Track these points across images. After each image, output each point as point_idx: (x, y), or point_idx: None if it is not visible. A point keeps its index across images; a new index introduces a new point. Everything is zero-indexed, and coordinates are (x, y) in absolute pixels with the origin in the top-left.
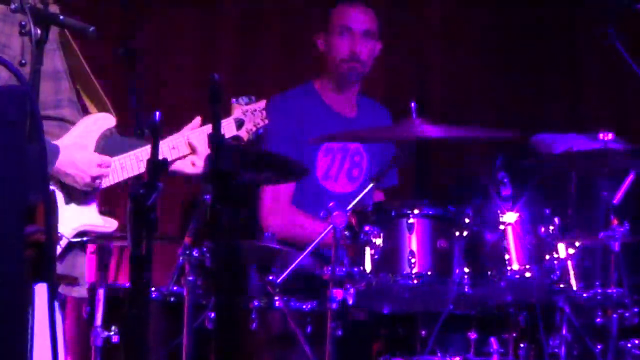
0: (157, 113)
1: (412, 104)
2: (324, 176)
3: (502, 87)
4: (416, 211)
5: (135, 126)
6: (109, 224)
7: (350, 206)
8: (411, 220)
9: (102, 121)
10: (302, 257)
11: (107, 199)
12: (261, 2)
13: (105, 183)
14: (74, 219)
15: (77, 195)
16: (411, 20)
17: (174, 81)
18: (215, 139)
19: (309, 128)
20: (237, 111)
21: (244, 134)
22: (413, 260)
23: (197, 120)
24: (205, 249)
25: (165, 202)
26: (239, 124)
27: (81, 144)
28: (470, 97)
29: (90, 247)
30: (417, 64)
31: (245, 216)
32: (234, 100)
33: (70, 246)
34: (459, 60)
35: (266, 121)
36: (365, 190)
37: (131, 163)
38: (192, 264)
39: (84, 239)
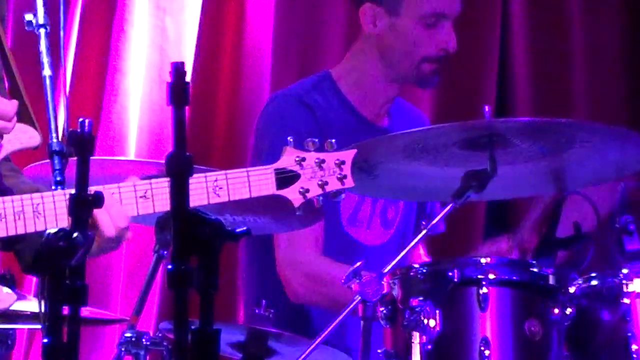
0: (87, 121)
1: (486, 108)
2: (351, 221)
3: (623, 81)
4: (491, 276)
5: (50, 142)
6: (2, 299)
7: (389, 268)
8: (484, 290)
9: (16, 136)
10: (313, 345)
11: (9, 255)
12: None
13: None
14: None
15: None
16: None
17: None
18: (177, 162)
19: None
20: (287, 157)
21: (294, 195)
22: (487, 353)
23: (132, 179)
24: (160, 334)
25: (100, 260)
26: (285, 178)
27: None
28: (572, 98)
29: None
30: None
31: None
32: (291, 140)
33: None
34: (552, 46)
35: (347, 183)
36: (418, 238)
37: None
38: (138, 357)
39: None
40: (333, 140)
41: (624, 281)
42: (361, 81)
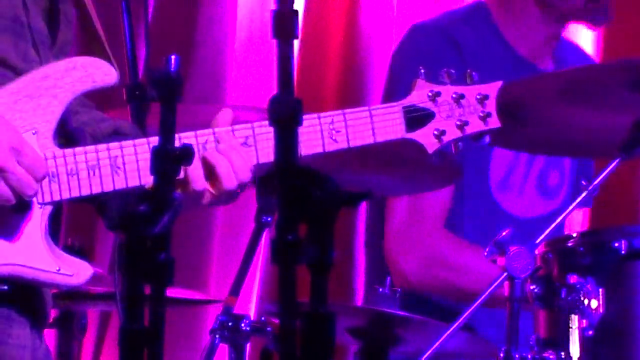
0: (173, 58)
1: None
2: (501, 186)
3: None
4: None
5: (129, 84)
6: (73, 272)
7: (541, 238)
8: None
9: (87, 72)
10: (449, 332)
11: (76, 222)
12: None
13: (62, 194)
14: None
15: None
16: None
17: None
18: (283, 106)
19: None
20: (419, 92)
21: (428, 139)
22: None
23: (227, 113)
24: (264, 318)
25: (189, 229)
26: (416, 118)
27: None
28: None
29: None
30: None
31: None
32: (423, 70)
33: None
34: None
35: (492, 123)
36: (577, 201)
37: (114, 162)
38: (236, 345)
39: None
40: (473, 72)
41: None
42: (517, 16)
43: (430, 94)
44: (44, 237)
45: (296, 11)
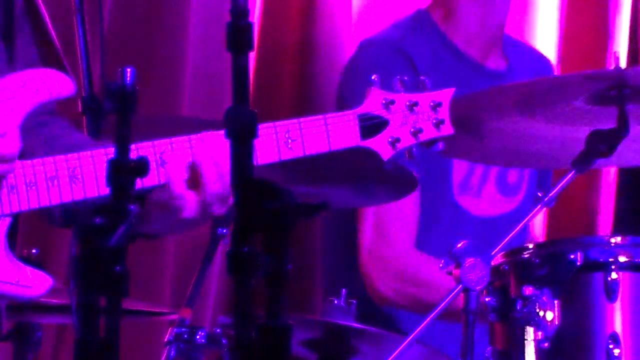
0: (129, 70)
1: (615, 54)
2: (462, 188)
3: None
4: (622, 258)
5: (85, 96)
6: (32, 283)
7: (497, 249)
8: (613, 277)
9: (44, 84)
10: (405, 343)
11: (31, 233)
12: None
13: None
14: None
15: None
16: None
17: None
18: (238, 118)
19: None
20: (372, 100)
21: (383, 147)
22: (616, 352)
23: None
24: (219, 330)
25: (145, 242)
26: (371, 126)
27: None
28: None
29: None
30: None
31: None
32: (376, 78)
33: None
34: None
35: (445, 130)
36: (533, 214)
37: (71, 172)
38: (191, 357)
39: None
40: (425, 79)
41: None
42: (459, 18)
43: (384, 101)
44: (3, 249)
45: (251, 23)
